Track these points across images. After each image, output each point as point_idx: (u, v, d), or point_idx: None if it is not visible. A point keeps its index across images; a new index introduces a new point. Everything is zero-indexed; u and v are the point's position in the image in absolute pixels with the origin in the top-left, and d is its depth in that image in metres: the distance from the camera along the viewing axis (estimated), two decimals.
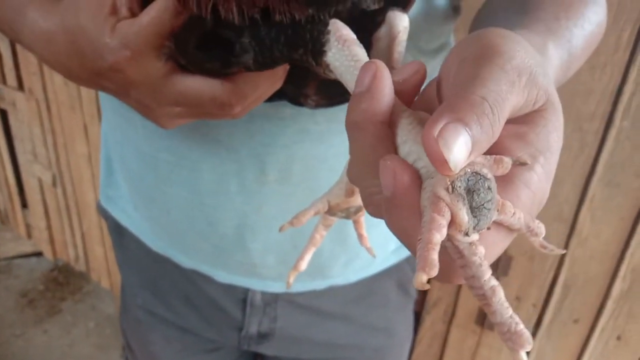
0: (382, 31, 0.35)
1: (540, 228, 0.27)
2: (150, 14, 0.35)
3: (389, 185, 0.25)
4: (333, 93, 0.43)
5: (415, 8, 0.50)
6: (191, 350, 0.79)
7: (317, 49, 0.32)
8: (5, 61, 1.86)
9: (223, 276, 0.67)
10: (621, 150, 0.91)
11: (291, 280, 0.48)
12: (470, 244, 0.25)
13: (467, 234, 0.24)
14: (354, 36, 0.32)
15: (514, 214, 0.26)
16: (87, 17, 0.37)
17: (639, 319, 1.00)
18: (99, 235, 1.96)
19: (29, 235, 2.29)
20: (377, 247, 0.71)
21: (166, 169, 0.59)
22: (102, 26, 0.36)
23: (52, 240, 2.20)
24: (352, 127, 0.28)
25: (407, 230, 0.26)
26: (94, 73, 0.39)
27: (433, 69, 0.35)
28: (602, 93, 0.89)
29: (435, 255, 0.23)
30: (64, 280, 2.20)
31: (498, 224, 0.26)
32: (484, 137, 0.24)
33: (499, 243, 0.27)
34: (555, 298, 1.08)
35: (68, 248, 2.15)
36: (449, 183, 0.24)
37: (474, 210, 0.24)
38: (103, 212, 0.78)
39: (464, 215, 0.24)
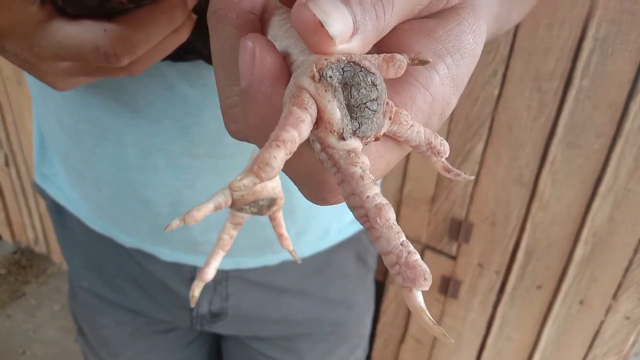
0: None
1: (445, 146, 0.22)
2: None
3: (246, 71, 0.20)
4: None
5: None
6: (144, 332, 0.76)
7: None
8: None
9: (167, 254, 0.64)
10: (581, 110, 0.89)
11: (196, 293, 0.40)
12: (349, 152, 0.19)
13: (343, 138, 0.19)
14: None
15: (411, 125, 0.21)
16: None
17: (601, 284, 1.00)
18: None
19: None
20: (331, 218, 0.69)
21: (90, 142, 0.54)
22: None
23: (9, 223, 2.13)
24: (212, 19, 0.23)
25: (264, 137, 0.20)
26: None
27: None
28: (560, 50, 0.87)
29: (277, 154, 0.17)
30: (27, 263, 2.14)
31: (386, 135, 0.21)
32: (369, 22, 0.20)
33: (385, 155, 0.22)
34: (517, 264, 1.07)
35: (27, 230, 2.09)
36: (315, 71, 0.19)
37: (352, 109, 0.19)
38: (40, 191, 0.73)
39: (334, 110, 0.19)
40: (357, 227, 0.73)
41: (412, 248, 0.19)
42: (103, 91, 0.50)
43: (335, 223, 0.69)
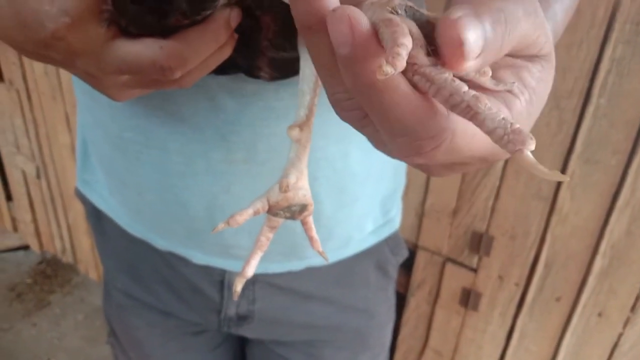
0: None
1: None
2: None
3: (345, 38, 0.22)
4: (285, 67, 0.43)
5: None
6: (174, 334, 0.79)
7: None
8: None
9: (199, 257, 0.67)
10: (599, 127, 0.92)
11: (239, 288, 0.45)
12: (434, 65, 0.23)
13: (428, 54, 0.23)
14: None
15: None
16: None
17: (619, 296, 1.01)
18: (85, 226, 1.95)
19: (15, 229, 2.27)
20: (353, 228, 0.71)
21: (135, 149, 0.59)
22: None
23: (38, 233, 2.18)
24: (306, 32, 0.26)
25: (380, 89, 0.23)
26: (38, 43, 0.38)
27: None
28: (579, 70, 0.90)
29: (402, 51, 0.21)
30: (52, 273, 2.19)
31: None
32: (495, 44, 0.24)
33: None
34: (537, 276, 1.09)
35: (55, 240, 2.14)
36: (390, 8, 0.23)
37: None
38: (81, 197, 0.78)
39: (418, 30, 0.23)
40: (378, 237, 0.75)
41: (511, 119, 0.23)
42: (149, 101, 0.54)
43: (356, 232, 0.71)
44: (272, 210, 0.42)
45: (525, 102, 0.28)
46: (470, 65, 0.23)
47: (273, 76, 0.43)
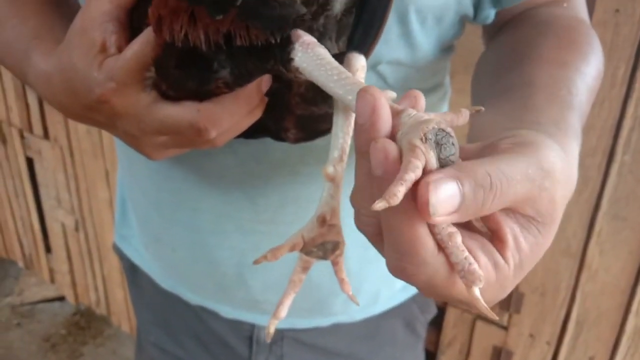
0: None
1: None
2: (133, 48, 0.39)
3: (379, 164, 0.27)
4: (311, 127, 0.45)
5: (399, 51, 0.52)
6: None
7: (285, 58, 0.35)
8: (32, 111, 1.94)
9: (228, 311, 0.69)
10: (624, 183, 0.92)
11: (271, 330, 0.46)
12: None
13: None
14: (314, 39, 0.35)
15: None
16: (79, 56, 0.40)
17: None
18: (120, 279, 1.99)
19: (52, 280, 2.33)
20: (383, 283, 0.71)
21: (169, 209, 0.62)
22: (91, 63, 0.40)
23: (74, 284, 2.23)
24: (358, 155, 0.30)
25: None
26: (85, 107, 0.42)
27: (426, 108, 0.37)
28: (602, 128, 0.91)
29: (402, 189, 0.25)
30: (86, 325, 2.22)
31: None
32: (473, 205, 0.27)
33: None
34: (569, 335, 1.07)
35: (90, 292, 2.19)
36: (422, 134, 0.27)
37: (441, 161, 0.27)
38: (118, 252, 0.81)
39: (434, 163, 0.27)
40: (406, 294, 0.75)
41: (472, 260, 0.28)
42: (184, 165, 0.58)
43: (385, 289, 0.72)
44: (305, 248, 0.44)
45: (513, 267, 0.30)
46: (439, 220, 0.27)
47: (298, 137, 0.45)
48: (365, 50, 0.40)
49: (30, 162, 2.09)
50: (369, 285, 0.69)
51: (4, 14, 0.50)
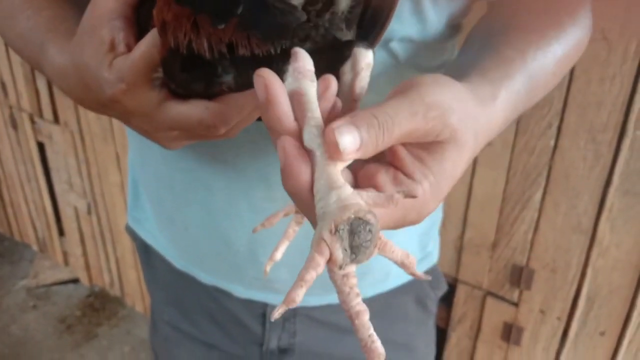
0: (347, 66, 0.39)
1: (412, 263, 0.35)
2: (140, 49, 0.39)
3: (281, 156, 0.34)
4: None
5: (411, 28, 0.53)
6: None
7: (281, 74, 0.35)
8: (42, 96, 1.95)
9: (240, 291, 0.70)
10: (636, 159, 0.92)
11: (267, 268, 0.51)
12: (344, 275, 0.31)
13: (341, 267, 0.30)
14: (310, 68, 0.35)
15: (393, 252, 0.33)
16: (89, 54, 0.41)
17: None
18: (133, 260, 2.02)
19: (66, 263, 2.36)
20: (391, 262, 0.73)
21: (182, 189, 0.63)
22: (101, 62, 0.40)
23: (87, 267, 2.26)
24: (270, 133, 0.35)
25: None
26: (98, 104, 0.43)
27: None
28: (613, 104, 0.90)
29: (301, 292, 0.30)
30: (100, 306, 2.25)
31: None
32: (370, 143, 0.32)
33: None
34: (579, 310, 1.08)
35: (103, 274, 2.22)
36: (333, 226, 0.30)
37: (353, 248, 0.30)
38: (131, 233, 0.82)
39: (339, 254, 0.30)
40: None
41: (375, 337, 0.31)
42: (197, 146, 0.58)
43: (395, 267, 0.73)
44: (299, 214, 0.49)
45: (429, 185, 0.35)
46: (350, 157, 0.32)
47: None
48: (372, 41, 0.41)
49: (41, 147, 2.11)
50: (379, 264, 0.70)
51: (18, 4, 0.50)
